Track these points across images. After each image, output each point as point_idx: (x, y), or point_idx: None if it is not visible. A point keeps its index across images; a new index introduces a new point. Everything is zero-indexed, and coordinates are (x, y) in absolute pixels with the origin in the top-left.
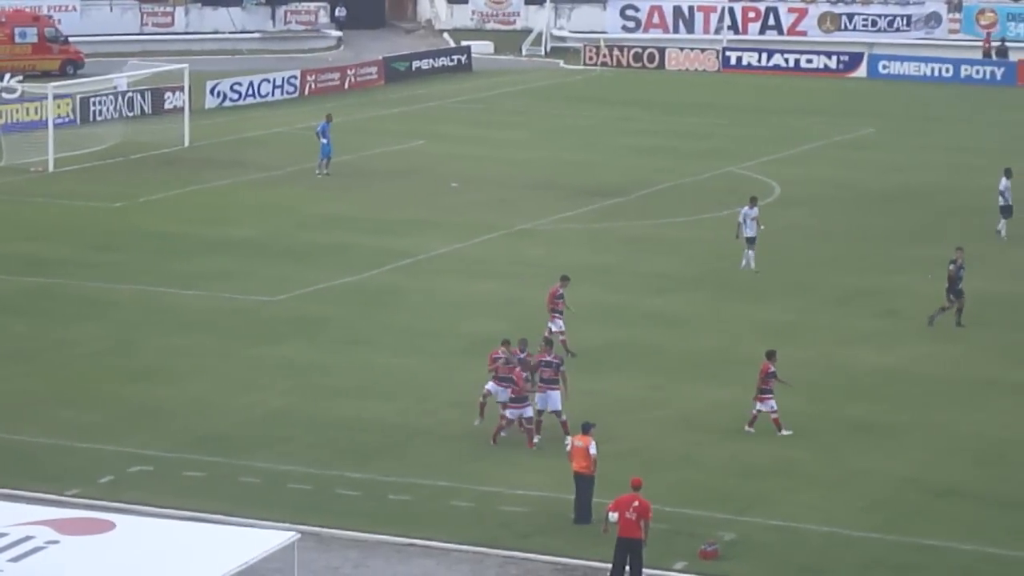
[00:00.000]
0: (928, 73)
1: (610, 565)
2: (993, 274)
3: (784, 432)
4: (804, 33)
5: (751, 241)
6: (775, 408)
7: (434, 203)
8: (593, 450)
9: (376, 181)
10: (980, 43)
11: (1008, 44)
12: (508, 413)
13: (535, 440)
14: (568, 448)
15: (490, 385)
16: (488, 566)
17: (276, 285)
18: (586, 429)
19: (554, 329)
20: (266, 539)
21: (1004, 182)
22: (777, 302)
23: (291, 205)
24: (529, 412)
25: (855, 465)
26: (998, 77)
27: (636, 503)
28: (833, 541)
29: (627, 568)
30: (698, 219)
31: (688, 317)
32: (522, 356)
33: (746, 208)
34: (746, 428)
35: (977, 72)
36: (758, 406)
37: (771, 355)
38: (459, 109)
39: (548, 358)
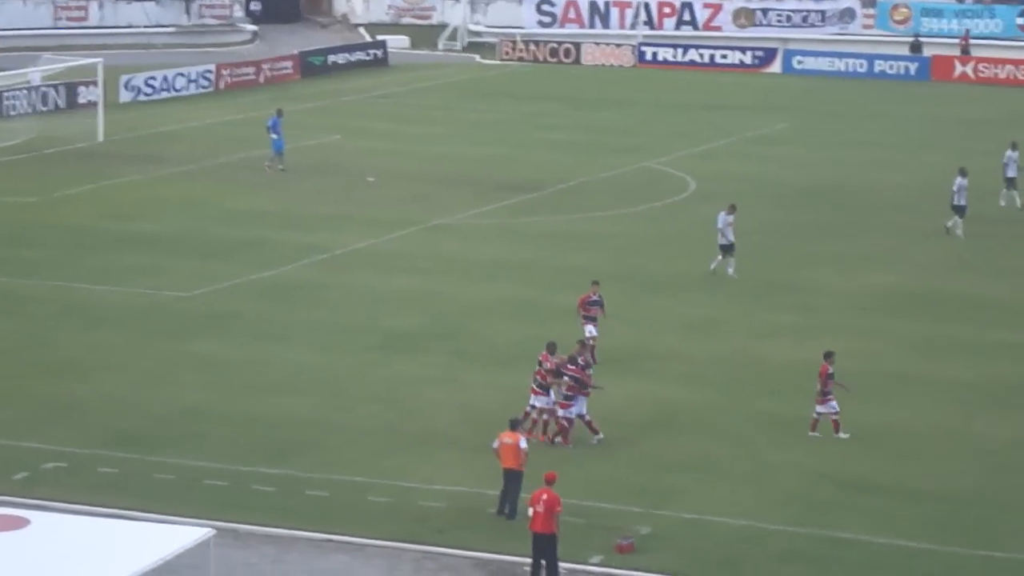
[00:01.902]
0: (842, 68)
1: (530, 560)
2: (906, 269)
3: (842, 435)
4: (719, 29)
5: (729, 248)
6: (836, 409)
7: (350, 198)
8: (523, 445)
9: (292, 176)
10: (895, 39)
11: (922, 39)
12: (561, 412)
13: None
14: (495, 445)
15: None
16: (405, 561)
17: (191, 280)
18: (514, 425)
19: (587, 336)
20: (182, 535)
21: (959, 180)
22: (693, 297)
23: (206, 200)
24: (573, 412)
25: (770, 459)
26: (912, 72)
27: (545, 496)
28: (748, 534)
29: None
30: (615, 214)
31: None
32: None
33: (723, 213)
34: (810, 433)
35: (891, 67)
36: (819, 408)
37: (829, 356)
38: (375, 104)
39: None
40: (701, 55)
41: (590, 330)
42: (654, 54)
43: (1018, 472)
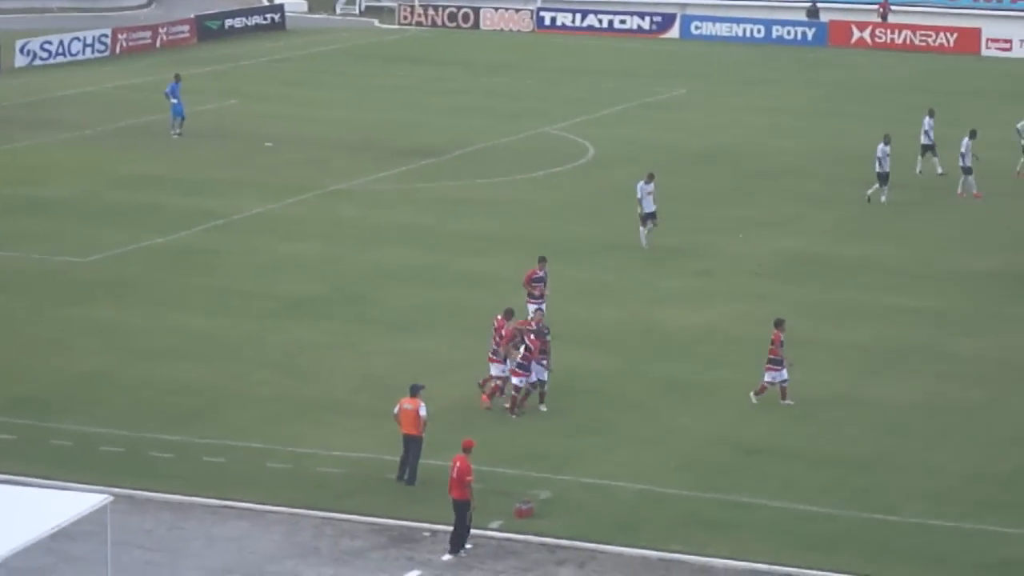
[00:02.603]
0: (740, 34)
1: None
2: (803, 234)
3: (788, 402)
4: None
5: (651, 217)
6: (786, 377)
7: (248, 163)
8: (423, 412)
9: (189, 141)
10: (792, 4)
11: (819, 5)
12: (515, 380)
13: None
14: (395, 411)
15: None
16: (304, 527)
17: (87, 246)
18: (415, 391)
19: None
20: (78, 502)
21: (882, 147)
22: (593, 263)
23: (102, 165)
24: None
25: (668, 423)
26: (809, 38)
27: (458, 464)
28: (646, 498)
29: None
30: (514, 179)
31: (504, 278)
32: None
33: (642, 183)
34: (752, 398)
35: (789, 33)
36: (768, 376)
37: (780, 323)
38: (273, 68)
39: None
40: (600, 20)
41: (532, 310)
42: (553, 19)
43: (913, 435)
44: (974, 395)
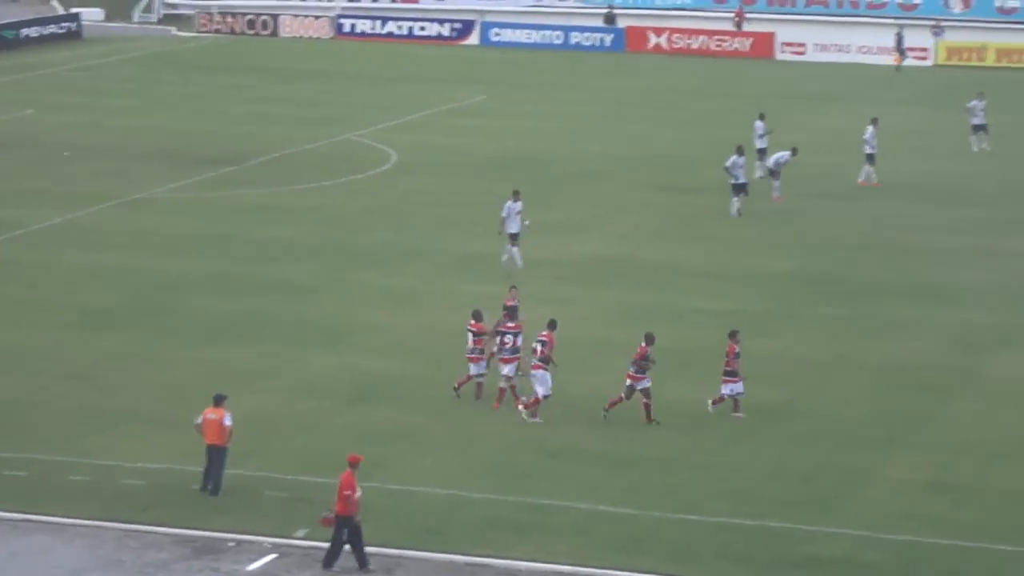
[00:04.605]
0: (539, 40)
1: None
2: (603, 238)
3: (740, 415)
4: (416, 0)
5: (515, 237)
6: (742, 391)
7: (45, 173)
8: (228, 422)
9: None
10: (590, 10)
11: (616, 11)
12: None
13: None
14: (198, 421)
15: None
16: (107, 540)
17: None
18: (219, 401)
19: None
20: None
21: (734, 159)
22: (397, 269)
23: None
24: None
25: (473, 428)
26: (607, 44)
27: (342, 478)
28: (452, 503)
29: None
30: (316, 187)
31: (307, 285)
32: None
33: (509, 202)
34: (710, 408)
35: (587, 39)
36: (724, 388)
37: (734, 335)
38: (70, 78)
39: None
40: (400, 27)
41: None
42: (353, 26)
43: (713, 435)
44: (772, 394)
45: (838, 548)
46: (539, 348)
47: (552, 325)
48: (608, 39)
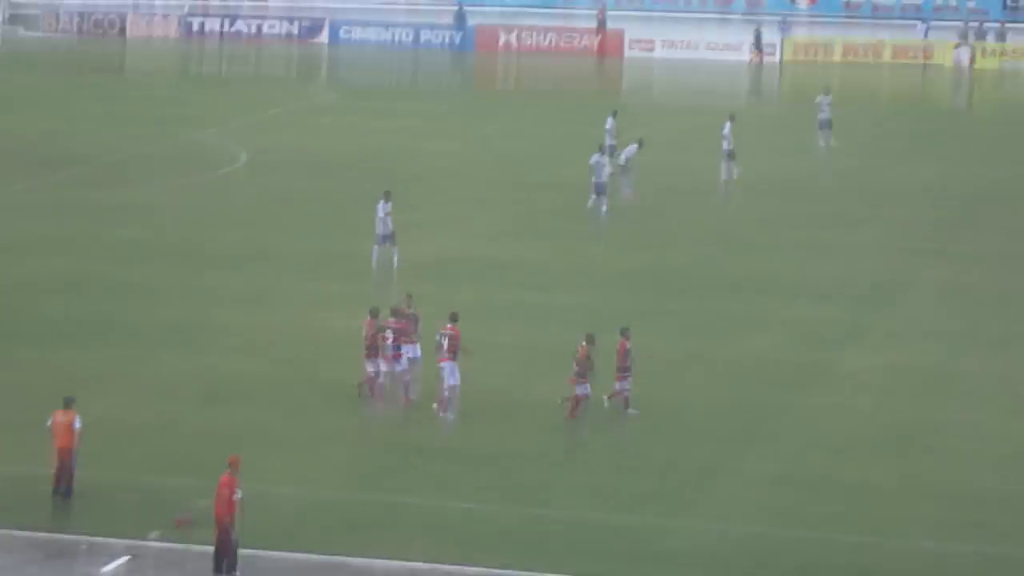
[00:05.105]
0: (389, 39)
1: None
2: (456, 237)
3: (631, 411)
4: None
5: (388, 238)
6: (628, 387)
7: None
8: (78, 424)
9: None
10: (440, 8)
11: (466, 9)
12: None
13: None
14: (49, 424)
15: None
16: None
17: None
18: (68, 403)
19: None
20: None
21: (596, 157)
22: (246, 269)
23: None
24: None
25: (328, 427)
26: (457, 42)
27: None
28: (308, 503)
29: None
30: (166, 186)
31: (157, 286)
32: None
33: (381, 202)
34: (605, 404)
35: (437, 37)
36: (617, 385)
37: (625, 332)
38: None
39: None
40: (248, 26)
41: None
42: (201, 25)
43: (571, 431)
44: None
45: (692, 542)
46: (445, 343)
47: (454, 318)
48: (458, 38)
